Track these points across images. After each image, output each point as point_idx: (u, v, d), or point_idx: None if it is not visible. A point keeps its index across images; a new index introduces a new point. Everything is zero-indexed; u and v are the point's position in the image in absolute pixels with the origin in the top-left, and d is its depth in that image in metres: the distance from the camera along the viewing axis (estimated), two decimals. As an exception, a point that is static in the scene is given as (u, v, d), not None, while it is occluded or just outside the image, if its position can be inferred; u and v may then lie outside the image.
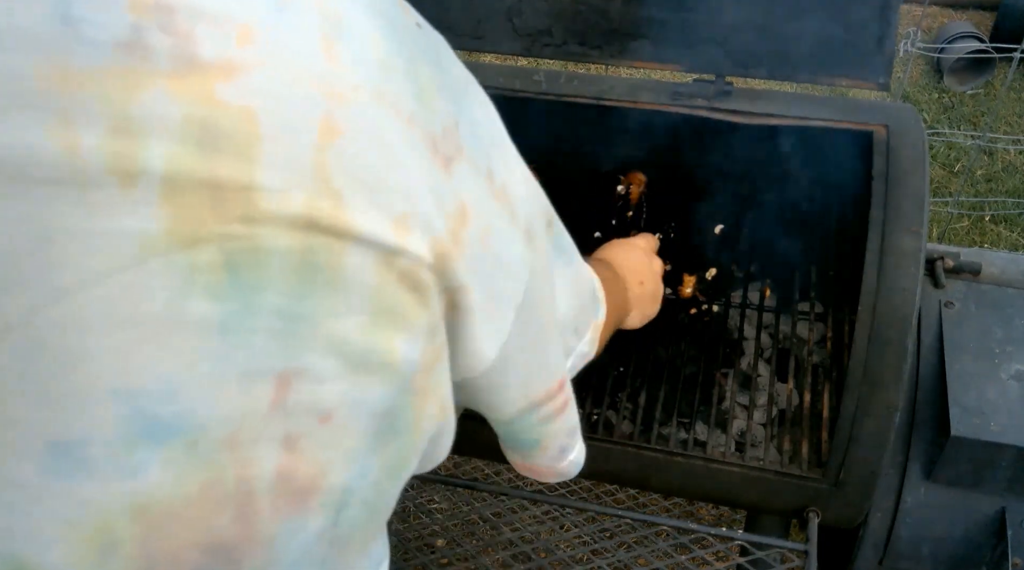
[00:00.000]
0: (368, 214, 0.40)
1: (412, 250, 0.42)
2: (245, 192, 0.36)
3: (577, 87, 1.35)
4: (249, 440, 0.39)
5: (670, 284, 1.46)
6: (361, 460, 0.45)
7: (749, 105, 1.27)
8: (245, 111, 0.36)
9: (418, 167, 0.42)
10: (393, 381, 0.44)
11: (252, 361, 0.38)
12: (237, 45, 0.36)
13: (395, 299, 0.42)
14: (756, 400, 1.30)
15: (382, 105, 0.40)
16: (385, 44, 0.41)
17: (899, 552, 1.21)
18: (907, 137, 1.20)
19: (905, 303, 1.09)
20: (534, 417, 0.63)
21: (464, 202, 0.45)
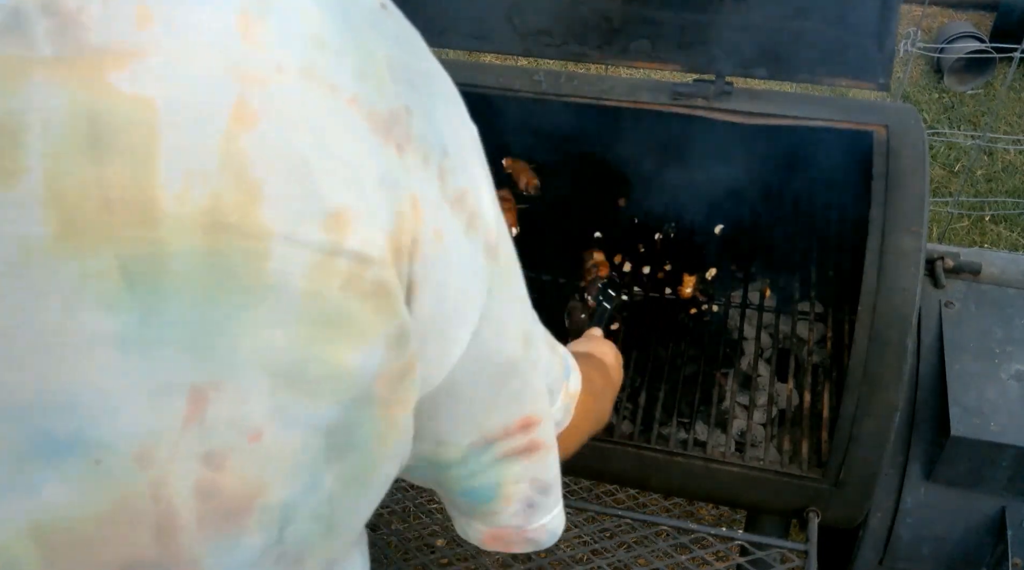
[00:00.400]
0: (293, 209, 0.35)
1: (355, 248, 0.37)
2: (139, 191, 0.33)
3: (577, 87, 1.35)
4: (164, 458, 0.36)
5: (670, 284, 1.46)
6: (306, 476, 0.41)
7: (749, 105, 1.27)
8: (141, 101, 0.33)
9: (362, 152, 0.38)
10: (343, 394, 0.40)
11: (160, 374, 0.35)
12: (135, 27, 0.33)
13: (340, 307, 0.38)
14: (756, 400, 1.30)
15: (312, 85, 0.36)
16: (323, 19, 0.38)
17: (899, 552, 1.21)
18: (907, 137, 1.20)
19: (905, 303, 1.09)
20: (489, 454, 0.56)
21: (415, 194, 0.41)
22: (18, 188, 0.32)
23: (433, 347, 0.45)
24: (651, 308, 1.45)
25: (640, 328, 1.42)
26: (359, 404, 0.41)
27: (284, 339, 0.37)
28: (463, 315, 0.46)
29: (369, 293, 0.38)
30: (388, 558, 1.16)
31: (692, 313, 1.43)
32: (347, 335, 0.38)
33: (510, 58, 2.13)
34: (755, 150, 1.38)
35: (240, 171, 0.34)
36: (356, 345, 0.39)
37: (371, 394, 0.41)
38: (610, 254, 1.51)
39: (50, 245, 0.32)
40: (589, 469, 1.22)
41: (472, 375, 0.49)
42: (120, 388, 0.35)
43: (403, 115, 0.40)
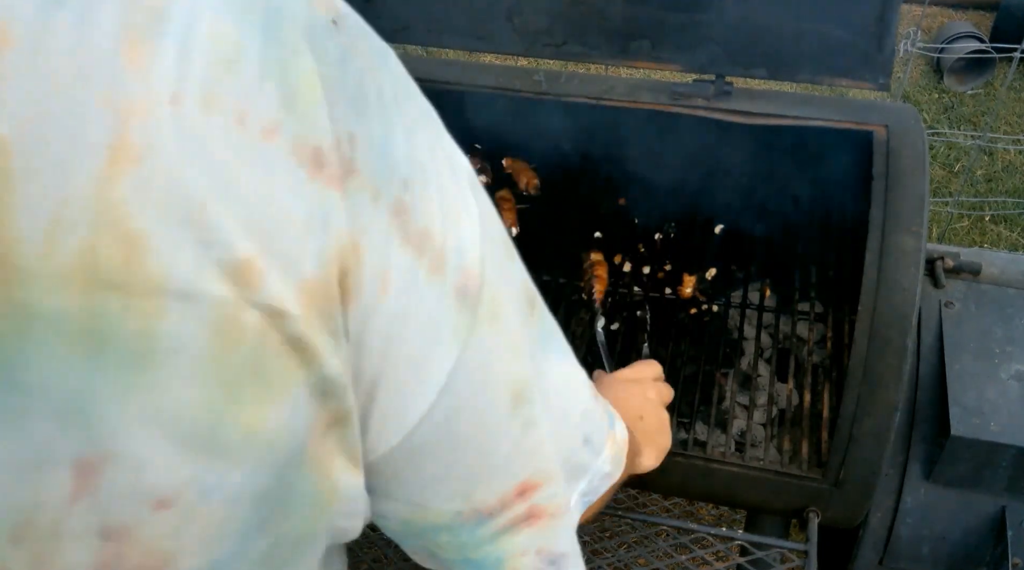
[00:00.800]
0: (190, 261, 0.31)
1: (266, 301, 0.33)
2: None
3: (577, 87, 1.35)
4: (46, 533, 0.33)
5: (670, 284, 1.46)
6: (231, 545, 0.38)
7: (749, 105, 1.26)
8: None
9: (278, 191, 0.33)
10: (267, 458, 0.36)
11: (33, 448, 0.31)
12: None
13: (252, 365, 0.34)
14: (756, 400, 1.30)
15: (216, 116, 0.32)
16: (238, 37, 0.33)
17: (899, 552, 1.21)
18: (907, 137, 1.20)
19: (905, 303, 1.09)
20: (487, 528, 0.50)
21: (355, 234, 0.36)
22: None
23: (386, 402, 0.41)
24: (651, 308, 1.45)
25: (640, 328, 1.42)
26: (288, 467, 0.38)
27: (189, 403, 0.33)
28: (423, 369, 0.41)
29: (284, 349, 0.34)
30: (388, 558, 1.16)
31: (692, 313, 1.43)
32: (262, 394, 0.35)
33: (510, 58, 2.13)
34: (755, 150, 1.38)
35: (119, 220, 0.30)
36: (275, 403, 0.35)
37: (302, 455, 0.38)
38: (610, 254, 1.51)
39: None
40: (589, 469, 1.22)
41: (444, 435, 0.44)
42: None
43: (344, 145, 0.36)
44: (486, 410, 0.46)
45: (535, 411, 0.50)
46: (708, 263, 1.47)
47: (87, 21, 0.30)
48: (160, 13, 0.31)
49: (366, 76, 0.38)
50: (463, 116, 1.40)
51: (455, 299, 0.41)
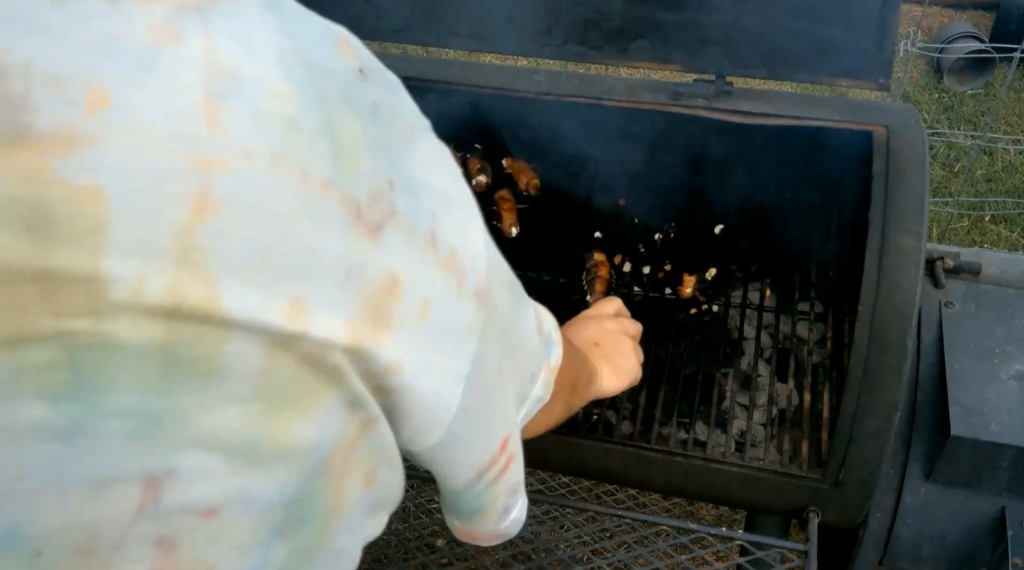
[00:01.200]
0: (252, 298, 0.35)
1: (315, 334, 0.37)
2: (88, 283, 0.31)
3: (577, 87, 1.35)
4: (110, 546, 0.35)
5: (670, 284, 1.46)
6: (259, 552, 0.41)
7: (749, 105, 1.26)
8: (88, 191, 0.31)
9: (328, 240, 0.37)
10: (296, 469, 0.40)
11: (108, 465, 0.34)
12: (86, 112, 0.31)
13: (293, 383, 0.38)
14: (756, 400, 1.30)
15: (282, 171, 0.35)
16: (297, 98, 0.36)
17: (899, 552, 1.21)
18: (907, 137, 1.20)
19: (905, 303, 1.09)
20: (481, 483, 0.58)
21: (395, 272, 0.40)
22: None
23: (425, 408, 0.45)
24: (651, 308, 1.45)
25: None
26: (312, 477, 0.41)
27: (237, 418, 0.36)
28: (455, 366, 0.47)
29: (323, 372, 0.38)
30: (388, 558, 1.16)
31: (692, 313, 1.43)
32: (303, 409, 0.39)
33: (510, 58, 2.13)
34: (755, 150, 1.38)
35: (200, 262, 0.33)
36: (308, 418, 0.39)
37: (324, 468, 0.42)
38: (610, 254, 1.51)
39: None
40: (589, 469, 1.22)
41: (466, 422, 0.50)
42: (64, 481, 0.34)
43: (386, 193, 0.40)
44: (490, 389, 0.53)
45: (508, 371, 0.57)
46: (708, 263, 1.47)
47: (170, 85, 0.33)
48: (233, 77, 0.34)
49: (393, 121, 0.42)
50: (463, 116, 1.40)
51: (474, 301, 0.47)
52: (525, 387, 0.66)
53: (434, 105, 1.46)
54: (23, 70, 0.30)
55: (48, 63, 0.31)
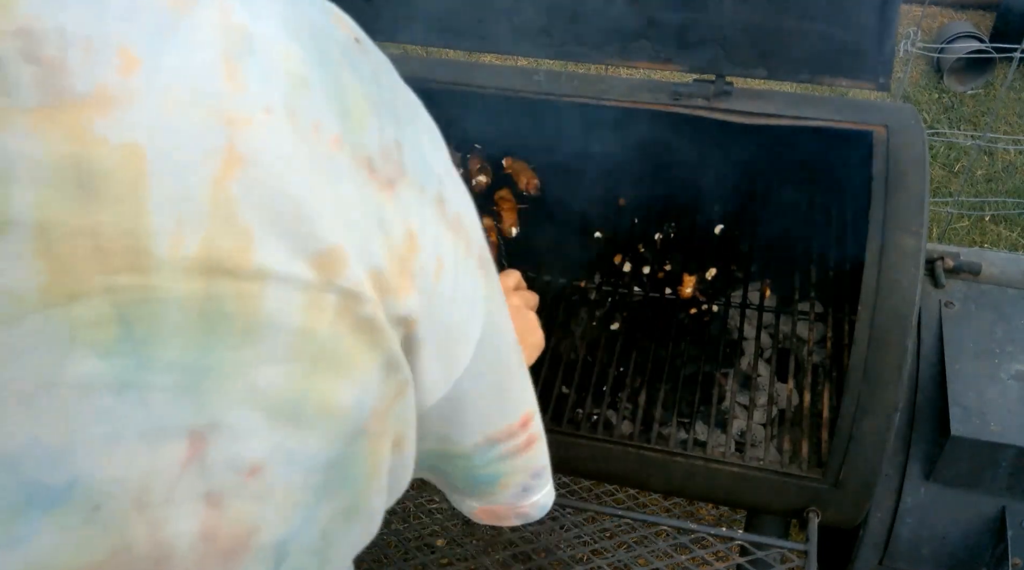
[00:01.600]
0: (286, 250, 0.36)
1: (346, 285, 0.38)
2: (132, 237, 0.33)
3: (577, 87, 1.35)
4: (161, 500, 0.36)
5: (670, 284, 1.47)
6: (304, 512, 0.42)
7: (749, 105, 1.27)
8: (128, 148, 0.32)
9: (349, 191, 0.38)
10: (338, 431, 0.40)
11: (156, 419, 0.35)
12: (118, 74, 0.32)
13: (333, 342, 0.38)
14: (756, 400, 1.30)
15: (300, 125, 0.36)
16: (305, 58, 0.38)
17: (899, 552, 1.21)
18: (907, 137, 1.20)
19: (905, 303, 1.09)
20: (495, 452, 0.59)
21: (412, 228, 0.41)
22: (8, 240, 0.31)
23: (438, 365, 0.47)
24: (651, 308, 1.45)
25: (640, 328, 1.42)
26: (354, 440, 0.42)
27: (279, 376, 0.37)
28: (467, 332, 0.48)
29: (359, 328, 0.39)
30: (388, 558, 1.16)
31: (692, 313, 1.43)
32: (340, 370, 0.39)
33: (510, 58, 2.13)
34: (755, 150, 1.38)
35: (232, 215, 0.34)
36: (349, 380, 0.40)
37: (364, 429, 0.42)
38: (610, 254, 1.51)
39: (41, 295, 0.32)
40: (589, 469, 1.22)
41: (476, 383, 0.51)
42: (117, 433, 0.35)
43: (394, 151, 0.41)
44: (503, 354, 0.54)
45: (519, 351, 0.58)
46: (708, 263, 1.47)
47: (193, 46, 0.34)
48: (246, 38, 0.36)
49: (394, 90, 0.44)
50: (463, 116, 1.40)
51: (479, 267, 0.49)
52: None
53: (435, 105, 1.46)
54: (58, 36, 0.31)
55: (79, 29, 0.32)
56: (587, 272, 1.51)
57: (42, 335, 0.32)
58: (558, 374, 1.35)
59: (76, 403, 0.34)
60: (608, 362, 1.37)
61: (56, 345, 0.33)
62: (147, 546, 0.37)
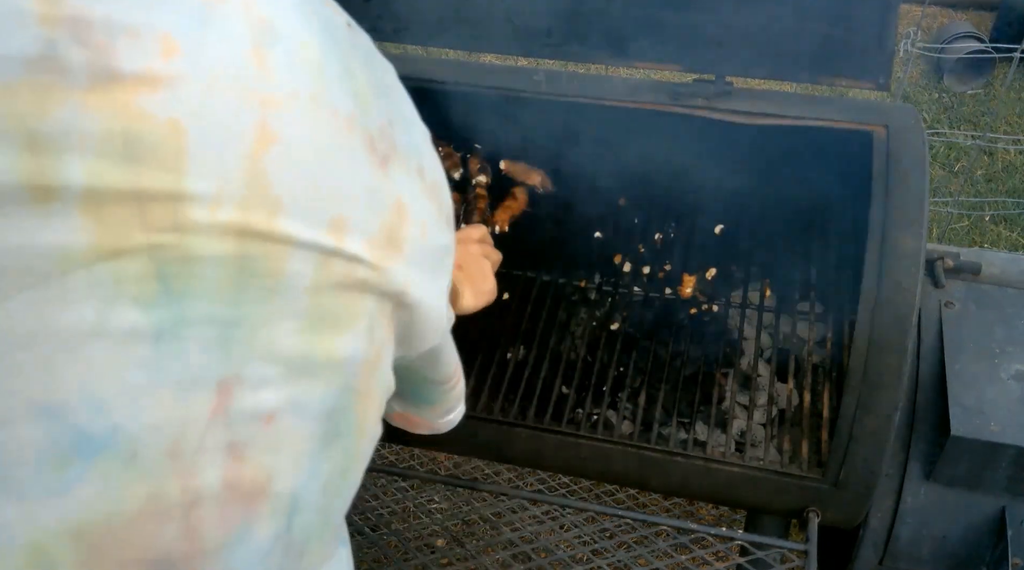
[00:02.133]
0: (307, 219, 0.40)
1: (348, 251, 0.42)
2: (173, 202, 0.36)
3: (577, 87, 1.34)
4: (192, 449, 0.39)
5: (670, 284, 1.46)
6: (309, 463, 0.45)
7: (749, 105, 1.26)
8: (171, 123, 0.36)
9: (355, 169, 0.42)
10: (335, 381, 0.44)
11: (189, 370, 0.38)
12: (161, 58, 0.36)
13: (333, 301, 0.43)
14: (756, 400, 1.30)
15: (320, 109, 0.41)
16: (320, 47, 0.41)
17: (899, 552, 1.21)
18: (907, 137, 1.20)
19: (905, 303, 1.09)
20: (440, 388, 0.70)
21: (401, 199, 0.46)
22: (59, 202, 0.34)
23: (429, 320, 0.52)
24: (651, 308, 1.45)
25: (640, 328, 1.42)
26: (345, 392, 0.46)
27: (292, 330, 0.41)
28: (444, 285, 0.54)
29: (356, 289, 0.43)
30: (388, 558, 1.16)
31: (692, 313, 1.43)
32: (341, 326, 0.43)
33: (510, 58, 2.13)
34: (755, 150, 1.38)
35: (263, 186, 0.38)
36: (345, 335, 0.44)
37: (354, 383, 0.46)
38: (610, 254, 1.51)
39: (88, 251, 0.35)
40: (589, 469, 1.22)
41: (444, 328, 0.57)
42: (153, 382, 0.37)
43: (387, 129, 0.45)
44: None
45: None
46: (708, 263, 1.47)
47: (226, 35, 0.38)
48: (271, 28, 0.39)
49: (381, 70, 0.48)
50: (463, 116, 1.40)
51: (448, 227, 0.54)
52: None
53: (434, 105, 1.47)
54: (105, 23, 0.34)
55: (124, 17, 0.35)
56: (587, 272, 1.51)
57: (88, 288, 0.35)
58: (558, 374, 1.35)
59: (118, 353, 0.36)
60: (608, 362, 1.37)
61: (101, 298, 0.36)
62: (178, 495, 0.39)
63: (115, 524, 0.38)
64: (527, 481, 1.66)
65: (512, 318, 1.41)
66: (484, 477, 1.57)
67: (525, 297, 1.45)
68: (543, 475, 1.48)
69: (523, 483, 1.70)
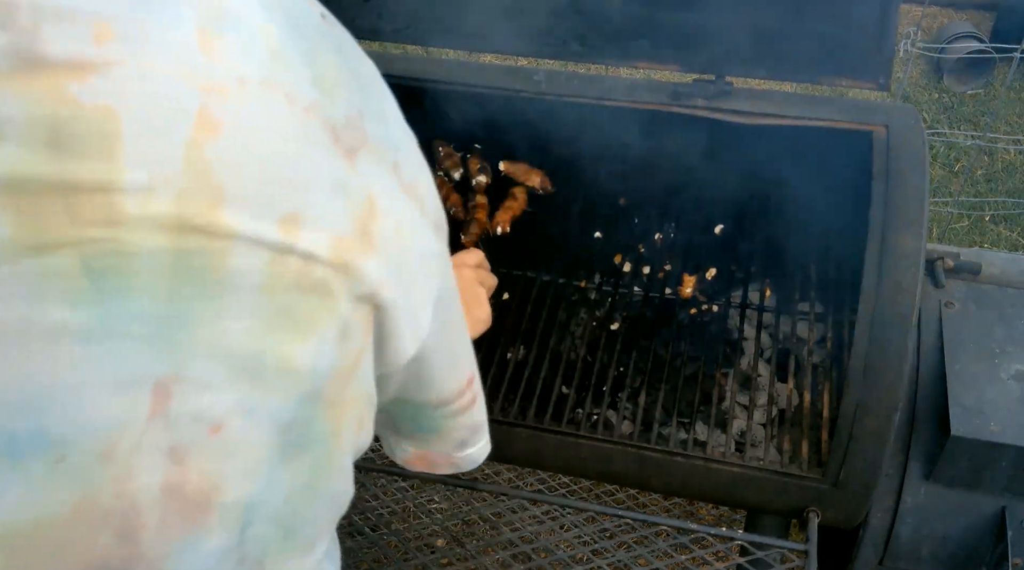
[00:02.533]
0: (252, 211, 0.37)
1: (304, 248, 0.39)
2: (104, 193, 0.34)
3: (577, 87, 1.34)
4: (127, 451, 0.37)
5: (670, 284, 1.46)
6: (266, 473, 0.42)
7: (749, 105, 1.26)
8: (103, 110, 0.34)
9: (313, 159, 0.40)
10: (295, 390, 0.42)
11: (124, 368, 0.36)
12: (94, 43, 0.34)
13: (291, 302, 0.40)
14: (756, 400, 1.30)
15: (271, 95, 0.39)
16: (279, 33, 0.40)
17: (899, 552, 1.21)
18: (907, 137, 1.20)
19: (905, 303, 1.09)
20: (442, 411, 0.62)
21: (372, 194, 0.43)
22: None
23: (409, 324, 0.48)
24: (651, 308, 1.45)
25: (640, 328, 1.42)
26: (309, 402, 0.43)
27: (240, 332, 0.39)
28: (427, 292, 0.50)
29: (315, 291, 0.40)
30: (388, 558, 1.16)
31: (692, 313, 1.43)
32: (296, 330, 0.41)
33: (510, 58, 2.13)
34: (755, 150, 1.38)
35: (204, 176, 0.36)
36: (305, 341, 0.41)
37: (321, 393, 0.43)
38: (610, 254, 1.51)
39: (10, 245, 0.33)
40: (589, 469, 1.22)
41: (438, 340, 0.53)
42: (84, 382, 0.36)
43: (357, 120, 0.43)
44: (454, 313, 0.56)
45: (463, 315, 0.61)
46: (708, 263, 1.47)
47: (168, 20, 0.36)
48: (224, 14, 0.38)
49: (357, 62, 0.46)
50: (463, 116, 1.40)
51: (435, 232, 0.50)
52: None
53: (434, 105, 1.47)
54: (32, 6, 0.33)
55: (54, 1, 0.34)
56: (587, 272, 1.51)
57: (13, 284, 0.34)
58: (558, 374, 1.35)
59: (45, 351, 0.35)
60: (608, 362, 1.37)
61: (26, 295, 0.34)
62: (111, 500, 0.38)
63: (43, 530, 0.36)
64: (527, 481, 1.66)
65: (512, 318, 1.41)
66: (484, 477, 1.57)
67: (525, 297, 1.45)
68: (543, 475, 1.48)
69: (523, 483, 1.70)
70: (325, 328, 0.42)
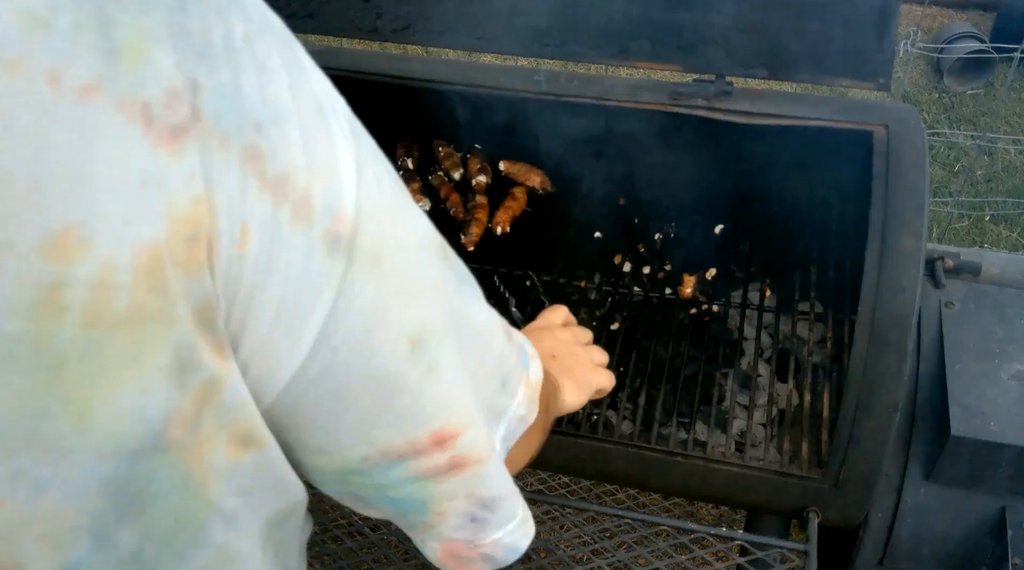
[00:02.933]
0: (4, 237, 0.29)
1: (90, 273, 0.31)
2: None
3: (577, 87, 1.34)
4: None
5: (670, 284, 1.46)
6: (85, 542, 0.36)
7: (749, 105, 1.26)
8: None
9: (104, 151, 0.31)
10: (110, 448, 0.34)
11: None
12: None
13: (81, 347, 0.32)
14: (756, 400, 1.30)
15: (22, 78, 0.30)
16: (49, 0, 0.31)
17: (899, 552, 1.21)
18: (907, 137, 1.20)
19: (905, 303, 1.09)
20: (401, 470, 0.49)
21: (203, 189, 0.34)
22: None
23: (258, 357, 0.39)
24: (651, 308, 1.45)
25: (640, 328, 1.42)
26: (146, 456, 0.36)
27: (10, 395, 0.31)
28: (295, 319, 0.39)
29: (119, 326, 0.32)
30: (388, 558, 1.16)
31: (692, 313, 1.43)
32: (97, 378, 0.32)
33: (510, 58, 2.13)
34: (755, 150, 1.38)
35: None
36: (116, 389, 0.33)
37: (161, 442, 0.36)
38: (610, 254, 1.51)
39: None
40: (589, 469, 1.22)
41: (328, 385, 0.43)
42: None
43: (186, 94, 0.34)
44: (374, 357, 0.44)
45: (439, 355, 0.48)
46: (708, 263, 1.47)
47: None
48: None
49: (211, 18, 0.36)
50: (463, 116, 1.40)
51: (324, 244, 0.39)
52: (496, 399, 0.57)
53: (434, 105, 1.47)
54: None
55: None
56: (587, 272, 1.51)
57: None
58: (558, 374, 1.35)
59: None
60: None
61: None
62: None
63: None
64: (527, 481, 1.66)
65: (512, 318, 1.41)
66: (484, 477, 1.57)
67: (525, 297, 1.45)
68: (543, 475, 1.48)
69: (523, 483, 1.70)
70: (147, 365, 0.34)
